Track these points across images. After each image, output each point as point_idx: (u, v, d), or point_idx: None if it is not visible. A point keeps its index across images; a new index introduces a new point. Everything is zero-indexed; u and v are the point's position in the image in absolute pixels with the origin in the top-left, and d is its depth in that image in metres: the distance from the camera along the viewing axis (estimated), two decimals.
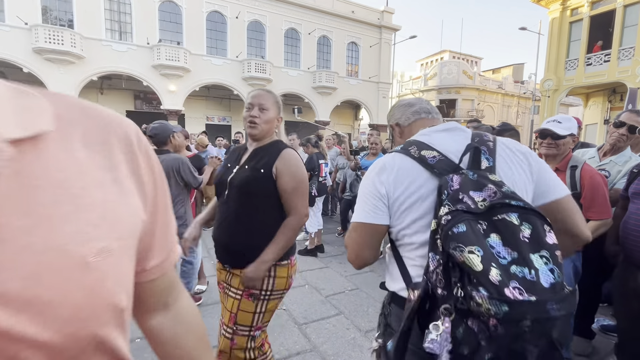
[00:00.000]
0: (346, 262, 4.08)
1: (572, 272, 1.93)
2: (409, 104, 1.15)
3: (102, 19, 14.47)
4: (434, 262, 0.76)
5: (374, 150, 4.22)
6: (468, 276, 0.68)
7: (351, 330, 2.51)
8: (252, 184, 1.40)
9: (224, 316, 1.46)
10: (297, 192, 1.42)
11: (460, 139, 0.94)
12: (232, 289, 1.44)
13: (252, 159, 1.45)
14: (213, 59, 16.72)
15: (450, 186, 0.80)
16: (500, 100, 29.60)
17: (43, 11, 13.52)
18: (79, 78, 14.04)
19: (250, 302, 1.40)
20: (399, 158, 0.93)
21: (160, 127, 2.60)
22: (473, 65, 33.10)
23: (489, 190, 0.77)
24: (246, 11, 17.26)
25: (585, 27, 14.06)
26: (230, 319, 1.41)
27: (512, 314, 0.63)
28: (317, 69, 19.33)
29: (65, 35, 13.12)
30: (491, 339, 0.66)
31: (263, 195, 1.41)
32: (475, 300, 0.65)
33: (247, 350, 1.42)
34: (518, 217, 0.73)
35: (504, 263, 0.68)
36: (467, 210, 0.74)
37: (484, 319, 0.66)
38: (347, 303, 2.97)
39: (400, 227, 0.91)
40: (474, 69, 29.80)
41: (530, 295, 0.64)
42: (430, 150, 0.91)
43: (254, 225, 1.41)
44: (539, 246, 0.70)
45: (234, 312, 1.41)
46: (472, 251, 0.68)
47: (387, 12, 21.29)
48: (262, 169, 1.40)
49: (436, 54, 35.53)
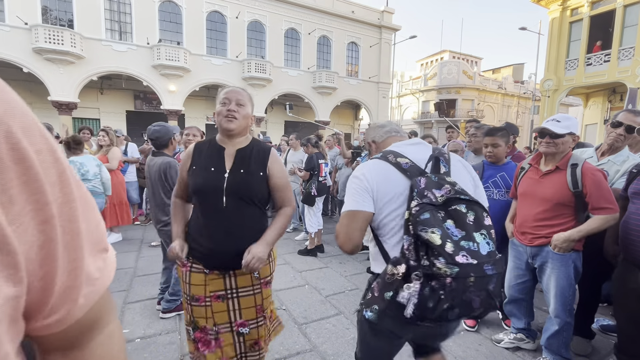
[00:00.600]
0: (346, 262, 4.08)
1: (573, 272, 1.94)
2: (381, 125, 1.46)
3: (102, 19, 14.46)
4: (407, 242, 1.05)
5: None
6: (432, 250, 0.98)
7: (351, 330, 2.51)
8: (256, 189, 1.43)
9: (245, 314, 1.48)
10: (287, 185, 1.54)
11: (424, 151, 1.25)
12: (244, 289, 1.47)
13: (243, 162, 1.43)
14: (213, 59, 16.71)
15: (419, 185, 1.10)
16: (501, 100, 29.59)
17: (43, 11, 13.51)
18: (79, 78, 14.03)
19: (268, 289, 1.55)
20: (381, 163, 1.22)
21: (162, 130, 2.51)
22: (473, 65, 33.09)
23: (446, 189, 1.08)
24: (246, 11, 17.25)
25: (585, 27, 14.05)
26: (258, 311, 1.50)
27: (461, 273, 0.94)
28: (317, 69, 19.33)
29: (65, 35, 13.10)
30: (447, 292, 0.96)
31: (261, 196, 1.47)
32: (437, 265, 0.95)
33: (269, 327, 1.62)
34: (465, 207, 1.05)
35: (456, 239, 0.99)
36: (430, 202, 1.05)
37: (442, 279, 0.95)
38: (347, 303, 2.97)
39: (382, 216, 1.19)
40: (474, 69, 29.79)
41: (473, 259, 0.96)
42: (403, 158, 1.20)
43: (256, 226, 1.47)
44: (479, 227, 1.04)
45: (259, 304, 1.50)
46: (434, 231, 0.98)
47: (387, 12, 21.28)
48: (261, 171, 1.44)
49: (436, 54, 35.52)
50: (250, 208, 1.44)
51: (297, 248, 4.53)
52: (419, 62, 38.02)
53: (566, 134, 1.86)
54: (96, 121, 16.18)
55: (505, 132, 2.51)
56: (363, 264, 4.01)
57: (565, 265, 1.92)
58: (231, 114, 1.38)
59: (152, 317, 2.61)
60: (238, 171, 1.42)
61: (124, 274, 3.48)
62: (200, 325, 1.46)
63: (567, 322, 1.98)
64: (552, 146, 1.90)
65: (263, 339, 1.54)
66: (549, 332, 2.04)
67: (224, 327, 1.45)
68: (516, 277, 2.21)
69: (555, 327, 2.00)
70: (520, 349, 2.29)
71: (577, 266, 1.95)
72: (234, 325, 1.46)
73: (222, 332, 1.45)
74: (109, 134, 4.63)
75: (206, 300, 1.45)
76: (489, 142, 2.49)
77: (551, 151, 1.92)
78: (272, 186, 1.48)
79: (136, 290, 3.09)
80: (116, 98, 16.84)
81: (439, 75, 27.79)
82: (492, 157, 2.48)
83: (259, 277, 1.49)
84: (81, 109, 14.84)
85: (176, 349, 2.23)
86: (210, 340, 1.46)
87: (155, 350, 2.20)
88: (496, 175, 2.49)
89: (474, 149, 3.14)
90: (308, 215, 4.39)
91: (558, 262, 1.93)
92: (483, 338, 2.44)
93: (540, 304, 2.96)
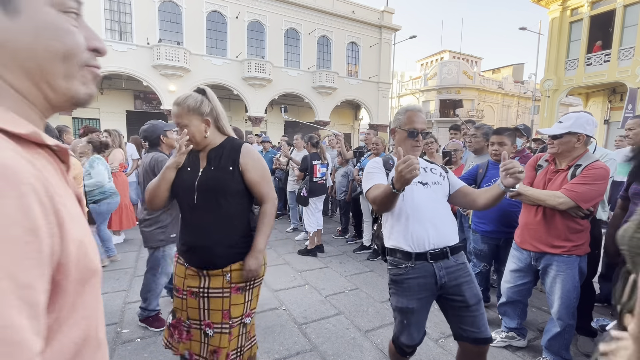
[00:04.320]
0: (346, 262, 4.08)
1: (578, 274, 1.94)
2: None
3: (102, 19, 14.45)
4: None
5: (376, 151, 4.22)
6: None
7: (351, 330, 2.51)
8: (223, 184, 1.43)
9: (212, 316, 1.45)
10: (263, 180, 1.51)
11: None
12: (214, 290, 1.46)
13: (214, 160, 1.47)
14: (213, 59, 16.71)
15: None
16: (500, 100, 29.60)
17: None
18: None
19: (239, 295, 1.48)
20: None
21: (149, 128, 2.51)
22: (473, 65, 33.10)
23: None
24: (246, 11, 17.25)
25: (585, 27, 14.05)
26: (224, 316, 1.45)
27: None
28: (317, 69, 19.33)
29: None
30: None
31: (234, 191, 1.46)
32: None
33: (240, 336, 1.50)
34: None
35: None
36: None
37: None
38: (347, 303, 2.97)
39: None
40: (474, 69, 29.80)
41: None
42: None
43: (229, 222, 1.46)
44: None
45: (226, 309, 1.45)
46: None
47: (387, 12, 21.28)
48: (231, 166, 1.45)
49: (436, 54, 35.53)
50: (226, 204, 1.44)
51: (297, 248, 4.52)
52: (419, 62, 38.03)
53: (564, 134, 1.85)
54: (96, 121, 16.17)
55: (512, 132, 2.51)
56: (363, 264, 4.02)
57: (571, 267, 1.91)
58: (184, 141, 1.41)
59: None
60: (209, 169, 1.45)
61: (123, 273, 3.48)
62: (177, 315, 1.53)
63: (569, 324, 1.97)
64: (553, 147, 1.91)
65: (224, 352, 1.43)
66: (550, 333, 2.04)
67: (195, 323, 1.49)
68: (517, 278, 2.20)
69: (557, 328, 1.99)
70: (521, 349, 2.30)
71: (582, 268, 1.95)
72: (202, 325, 1.48)
73: (193, 328, 1.49)
74: (112, 134, 4.62)
75: (183, 293, 1.50)
76: (495, 140, 2.48)
77: (553, 151, 1.92)
78: (247, 181, 1.48)
79: (136, 290, 3.08)
80: (116, 98, 16.84)
81: (439, 75, 27.80)
82: (498, 155, 2.47)
83: (230, 280, 1.45)
84: (81, 109, 14.76)
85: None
86: (183, 331, 1.51)
87: (155, 350, 2.20)
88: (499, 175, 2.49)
89: (474, 149, 3.13)
90: (306, 215, 4.39)
91: (564, 264, 1.92)
92: None
93: (540, 303, 2.96)
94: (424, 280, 1.51)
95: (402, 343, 1.57)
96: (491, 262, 2.78)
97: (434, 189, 1.57)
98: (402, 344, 1.57)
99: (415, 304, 1.52)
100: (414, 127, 1.58)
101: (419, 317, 1.55)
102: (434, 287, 1.52)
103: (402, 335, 1.57)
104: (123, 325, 2.50)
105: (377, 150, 4.21)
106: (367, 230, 4.53)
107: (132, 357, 2.14)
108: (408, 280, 1.52)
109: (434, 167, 1.66)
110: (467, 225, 3.12)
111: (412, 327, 1.55)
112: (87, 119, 15.76)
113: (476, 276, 2.69)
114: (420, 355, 2.19)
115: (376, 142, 4.26)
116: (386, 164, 1.64)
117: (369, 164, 1.69)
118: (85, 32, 0.46)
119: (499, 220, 2.51)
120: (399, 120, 1.64)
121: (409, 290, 1.52)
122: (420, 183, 1.57)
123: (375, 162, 1.68)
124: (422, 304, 1.54)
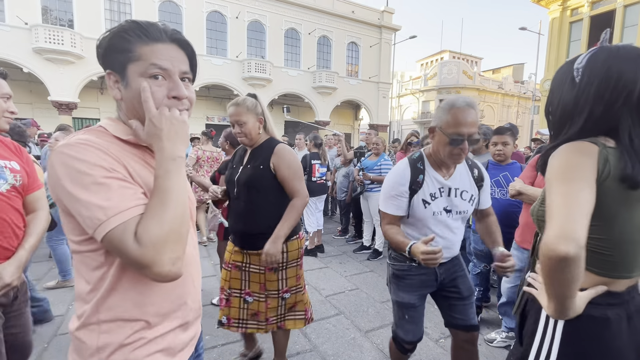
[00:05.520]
0: (346, 262, 4.09)
1: None
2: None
3: (102, 19, 14.46)
4: None
5: (376, 151, 4.22)
6: None
7: (351, 330, 2.51)
8: (254, 180, 1.68)
9: (251, 287, 1.79)
10: (295, 178, 1.70)
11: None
12: (254, 266, 1.77)
13: (252, 159, 1.74)
14: (213, 58, 16.71)
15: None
16: (501, 101, 29.60)
17: (43, 11, 13.51)
18: (79, 78, 14.03)
19: (272, 274, 1.76)
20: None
21: None
22: (473, 65, 33.11)
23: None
24: (246, 11, 17.25)
25: (585, 27, 14.06)
26: (261, 288, 1.78)
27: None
28: (317, 69, 19.33)
29: (65, 35, 13.11)
30: None
31: (265, 187, 1.68)
32: None
33: (279, 307, 1.80)
34: None
35: None
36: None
37: None
38: (347, 303, 2.97)
39: None
40: (474, 69, 29.81)
41: None
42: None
43: (262, 212, 1.70)
44: None
45: (262, 282, 1.77)
46: None
47: (387, 12, 21.28)
48: (261, 165, 1.68)
49: (436, 54, 35.53)
50: (258, 196, 1.68)
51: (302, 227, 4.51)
52: (419, 62, 38.04)
53: None
54: (96, 121, 16.13)
55: (513, 131, 2.52)
56: (363, 264, 4.02)
57: None
58: (239, 136, 1.71)
59: None
60: (247, 166, 1.73)
61: None
62: (221, 285, 1.85)
63: None
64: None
65: (262, 315, 1.79)
66: None
67: (235, 292, 1.81)
68: (517, 277, 2.20)
69: None
70: None
71: None
72: (242, 293, 1.80)
73: (233, 296, 1.81)
74: None
75: (229, 265, 1.82)
76: (498, 140, 2.48)
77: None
78: (278, 178, 1.68)
79: None
80: None
81: (439, 75, 27.79)
82: (502, 155, 2.46)
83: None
84: (81, 109, 14.83)
85: None
86: (223, 299, 1.84)
87: None
88: (499, 175, 2.49)
89: (473, 149, 3.14)
90: (306, 215, 4.39)
91: None
92: (483, 338, 2.44)
93: None
94: (425, 277, 1.53)
95: (401, 339, 1.58)
96: (491, 262, 2.77)
97: (456, 218, 1.49)
98: (402, 340, 1.58)
99: (416, 299, 1.54)
100: (459, 132, 1.29)
101: (419, 311, 1.57)
102: (434, 283, 1.55)
103: (401, 331, 1.58)
104: None
105: (378, 150, 4.21)
106: (367, 230, 4.53)
107: None
108: (410, 277, 1.53)
109: (467, 190, 1.49)
110: (467, 225, 3.12)
111: (412, 322, 1.56)
112: (87, 118, 15.76)
113: (476, 276, 2.69)
114: (420, 355, 2.19)
115: (376, 142, 4.26)
116: (414, 184, 1.42)
117: (393, 179, 1.46)
118: (169, 84, 0.70)
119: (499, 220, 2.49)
120: (441, 119, 1.35)
121: (411, 286, 1.54)
122: (445, 210, 1.46)
123: (401, 177, 1.43)
124: (422, 299, 1.57)
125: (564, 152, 0.79)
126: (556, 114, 0.88)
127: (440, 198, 1.45)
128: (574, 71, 0.84)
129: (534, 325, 0.90)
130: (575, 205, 0.71)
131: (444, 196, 1.45)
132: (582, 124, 0.81)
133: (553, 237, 0.69)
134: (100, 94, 16.28)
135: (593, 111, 0.79)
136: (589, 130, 0.81)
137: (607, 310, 0.81)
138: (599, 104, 0.79)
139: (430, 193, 1.44)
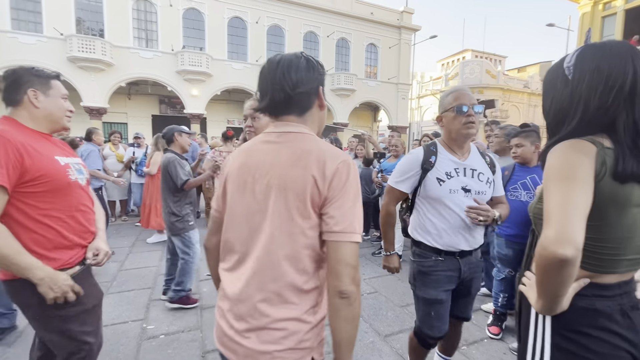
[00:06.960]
0: (365, 265, 4.04)
1: None
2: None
3: (130, 28, 15.16)
4: None
5: (396, 153, 4.17)
6: None
7: (370, 334, 2.48)
8: None
9: None
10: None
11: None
12: None
13: None
14: (234, 63, 17.11)
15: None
16: (526, 100, 28.47)
17: (77, 22, 14.33)
18: (109, 84, 14.76)
19: None
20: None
21: (167, 128, 2.89)
22: (497, 64, 32.09)
23: None
24: (266, 16, 17.57)
25: (619, 22, 13.31)
26: None
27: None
28: (336, 71, 19.36)
29: (96, 44, 13.85)
30: None
31: None
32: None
33: None
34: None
35: None
36: None
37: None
38: (365, 306, 2.94)
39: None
40: (497, 67, 28.87)
41: None
42: None
43: None
44: None
45: None
46: None
47: (407, 13, 21.03)
48: None
49: (458, 53, 34.74)
50: None
51: None
52: (440, 62, 37.31)
53: None
54: (124, 125, 16.93)
55: (532, 132, 2.43)
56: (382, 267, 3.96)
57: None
58: (249, 130, 1.67)
59: (176, 315, 2.69)
60: None
61: (148, 272, 3.61)
62: None
63: None
64: None
65: None
66: None
67: None
68: None
69: None
70: None
71: None
72: None
73: None
74: (157, 140, 4.73)
75: None
76: (513, 143, 2.47)
77: None
78: None
79: (160, 288, 3.19)
80: (142, 103, 17.57)
81: (461, 75, 27.10)
82: (518, 157, 2.43)
83: None
84: (110, 113, 15.58)
85: (198, 346, 2.28)
86: None
87: (179, 347, 2.26)
88: (526, 177, 2.41)
89: (495, 150, 3.06)
90: None
91: None
92: (507, 347, 2.35)
93: None
94: (451, 273, 1.54)
95: (426, 335, 1.58)
96: (516, 268, 2.67)
97: (475, 198, 1.51)
98: (427, 336, 1.58)
99: (443, 295, 1.55)
100: (461, 102, 1.45)
101: (445, 307, 1.57)
102: (457, 280, 1.56)
103: (427, 326, 1.58)
104: (148, 322, 2.59)
105: (397, 152, 4.16)
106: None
107: (157, 352, 2.21)
108: (437, 272, 1.54)
109: (483, 172, 1.55)
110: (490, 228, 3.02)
111: (438, 318, 1.56)
112: (116, 123, 16.52)
113: (501, 282, 2.60)
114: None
115: (395, 143, 4.20)
116: (425, 163, 1.51)
117: (406, 158, 1.59)
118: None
119: (524, 223, 2.41)
120: (445, 102, 1.51)
121: (438, 282, 1.54)
122: (463, 189, 1.49)
123: (415, 156, 1.55)
124: (448, 294, 1.57)
125: (562, 151, 0.78)
126: (550, 113, 0.88)
127: (457, 177, 1.50)
128: (565, 69, 0.84)
129: (526, 319, 0.91)
130: (573, 206, 0.71)
131: (460, 175, 1.51)
132: (579, 119, 0.81)
133: (551, 239, 0.69)
134: (128, 99, 17.04)
135: (588, 105, 0.79)
136: (586, 126, 0.80)
137: (595, 302, 0.81)
138: (593, 97, 0.79)
139: (446, 172, 1.50)
